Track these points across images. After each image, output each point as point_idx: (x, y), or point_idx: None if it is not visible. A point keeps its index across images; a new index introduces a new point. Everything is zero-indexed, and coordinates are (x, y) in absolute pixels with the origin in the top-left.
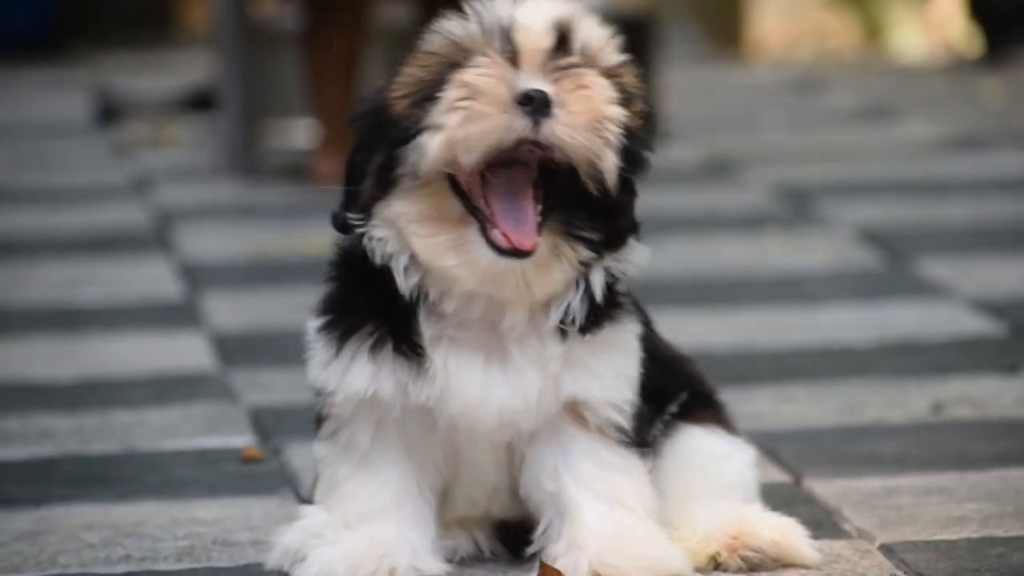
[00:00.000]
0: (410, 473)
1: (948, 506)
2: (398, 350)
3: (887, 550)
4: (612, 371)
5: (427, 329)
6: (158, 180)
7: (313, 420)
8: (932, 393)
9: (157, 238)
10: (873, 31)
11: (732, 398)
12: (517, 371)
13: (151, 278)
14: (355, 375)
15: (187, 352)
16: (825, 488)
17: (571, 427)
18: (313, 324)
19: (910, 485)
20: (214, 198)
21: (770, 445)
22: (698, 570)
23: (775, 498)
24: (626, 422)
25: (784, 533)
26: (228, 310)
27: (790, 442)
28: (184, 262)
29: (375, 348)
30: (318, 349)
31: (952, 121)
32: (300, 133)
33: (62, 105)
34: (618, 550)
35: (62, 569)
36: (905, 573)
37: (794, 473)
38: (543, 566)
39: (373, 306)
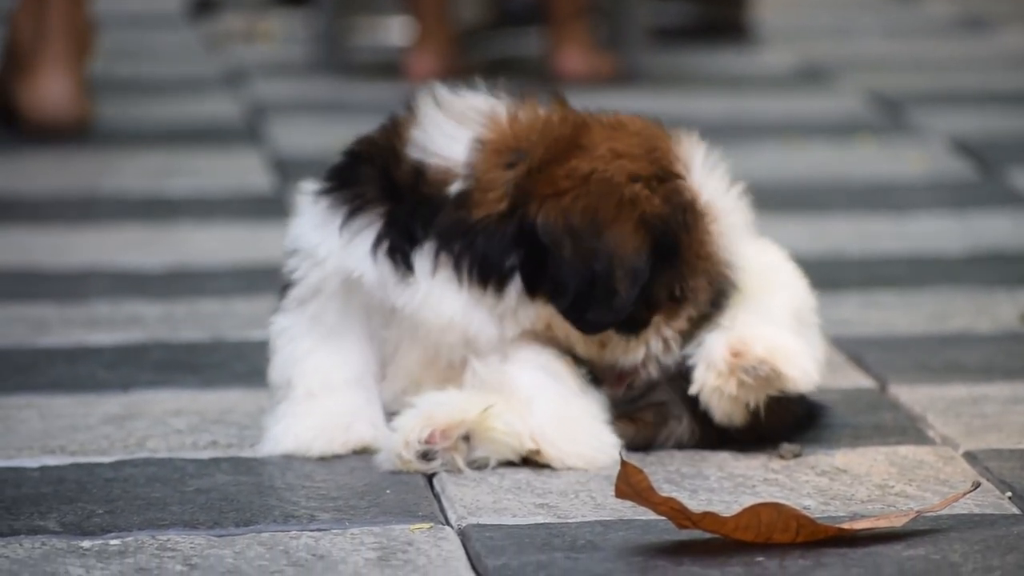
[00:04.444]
0: (369, 354)
1: None
2: (392, 251)
3: (971, 457)
4: None
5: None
6: (251, 74)
7: (280, 289)
8: (1021, 303)
9: (249, 131)
10: None
11: (820, 303)
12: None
13: (242, 170)
14: (354, 251)
15: (276, 244)
16: (910, 395)
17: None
18: (310, 186)
19: (996, 394)
20: (306, 93)
21: (856, 351)
22: (727, 414)
23: (859, 403)
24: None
25: (773, 351)
26: None
27: (876, 348)
28: (275, 155)
29: (380, 237)
30: (313, 210)
31: None
32: (394, 30)
33: None
34: (558, 429)
35: (150, 453)
36: (988, 480)
37: (879, 379)
38: (624, 465)
39: (387, 201)
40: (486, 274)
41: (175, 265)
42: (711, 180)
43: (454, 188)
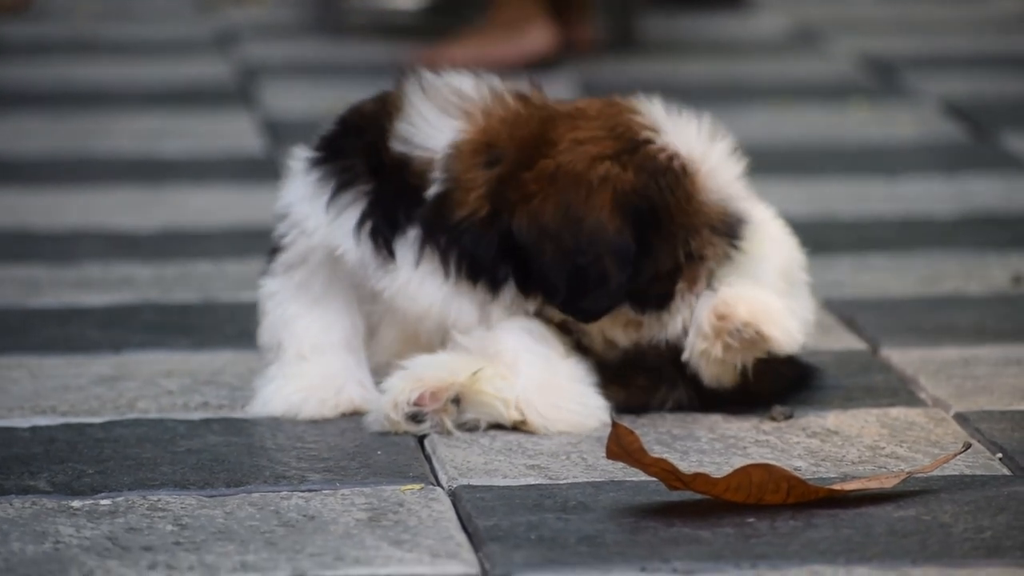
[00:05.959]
0: (357, 318)
1: None
2: (375, 233)
3: (962, 419)
4: None
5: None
6: (243, 35)
7: (269, 251)
8: (1012, 266)
9: (241, 93)
10: None
11: (812, 266)
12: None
13: (234, 132)
14: (339, 228)
15: (268, 206)
16: (902, 357)
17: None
18: (302, 152)
19: (987, 356)
20: (298, 55)
21: (848, 313)
22: (715, 378)
23: (851, 365)
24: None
25: (756, 314)
26: None
27: (868, 311)
28: (267, 117)
29: (364, 217)
30: (304, 180)
31: None
32: None
33: None
34: (542, 396)
35: (140, 413)
36: (979, 442)
37: (871, 341)
38: (615, 426)
39: (373, 179)
40: (476, 272)
41: (167, 227)
42: (684, 133)
43: (433, 190)
